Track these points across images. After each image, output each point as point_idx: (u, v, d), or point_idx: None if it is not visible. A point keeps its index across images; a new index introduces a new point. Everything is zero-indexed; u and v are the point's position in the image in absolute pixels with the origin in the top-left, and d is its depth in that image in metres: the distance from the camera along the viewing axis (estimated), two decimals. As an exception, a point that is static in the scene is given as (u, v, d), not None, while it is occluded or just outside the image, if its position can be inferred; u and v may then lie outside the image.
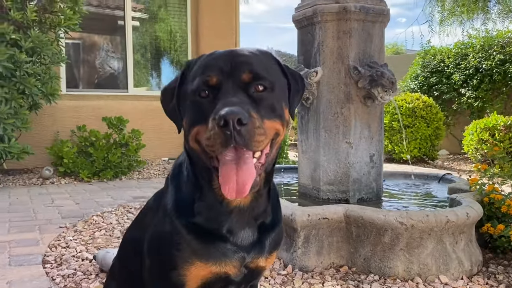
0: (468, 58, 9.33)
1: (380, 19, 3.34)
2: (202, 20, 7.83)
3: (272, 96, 1.15)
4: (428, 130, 8.02)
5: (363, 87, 3.20)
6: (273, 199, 1.35)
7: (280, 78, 1.23)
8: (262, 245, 1.30)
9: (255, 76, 1.13)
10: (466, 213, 2.60)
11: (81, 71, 7.64)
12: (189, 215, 1.24)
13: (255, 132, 1.05)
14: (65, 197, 4.85)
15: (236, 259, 1.24)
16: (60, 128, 6.71)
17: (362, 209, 2.66)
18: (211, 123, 1.05)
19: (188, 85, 1.18)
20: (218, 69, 1.13)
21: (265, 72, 1.16)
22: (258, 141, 1.06)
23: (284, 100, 1.22)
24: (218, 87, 1.12)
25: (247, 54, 1.18)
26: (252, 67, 1.14)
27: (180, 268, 1.21)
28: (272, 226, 1.34)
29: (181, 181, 1.29)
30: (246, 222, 1.26)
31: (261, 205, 1.29)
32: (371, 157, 3.36)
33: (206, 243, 1.22)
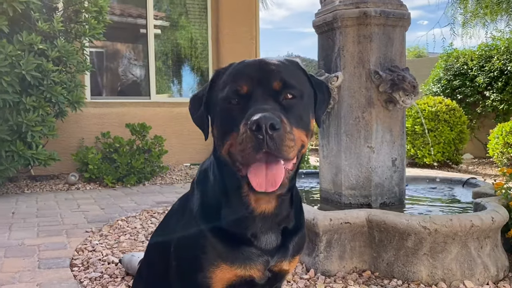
0: (492, 60, 9.16)
1: (400, 23, 3.33)
2: (223, 27, 7.92)
3: (300, 104, 1.18)
4: (452, 134, 7.90)
5: (384, 91, 3.19)
6: (296, 204, 1.37)
7: (307, 87, 1.25)
8: (285, 249, 1.32)
9: (285, 84, 1.16)
10: (491, 217, 2.57)
11: (105, 79, 7.81)
12: (215, 220, 1.27)
13: (286, 137, 1.07)
14: (90, 202, 4.96)
15: (260, 262, 1.27)
16: (85, 135, 6.87)
17: (384, 213, 2.65)
18: (243, 128, 1.07)
19: (219, 92, 1.21)
20: (248, 78, 1.16)
21: (294, 81, 1.18)
22: (289, 146, 1.08)
23: (311, 110, 1.25)
24: (248, 95, 1.14)
25: (276, 63, 1.20)
26: (282, 76, 1.16)
27: (206, 270, 1.24)
28: (295, 230, 1.36)
29: (207, 186, 1.32)
30: (269, 227, 1.29)
31: (284, 211, 1.31)
32: (393, 161, 3.35)
33: (231, 246, 1.25)
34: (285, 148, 1.07)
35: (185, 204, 1.39)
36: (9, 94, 4.79)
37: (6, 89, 4.73)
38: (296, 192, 1.38)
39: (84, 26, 5.53)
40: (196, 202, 1.33)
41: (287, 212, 1.32)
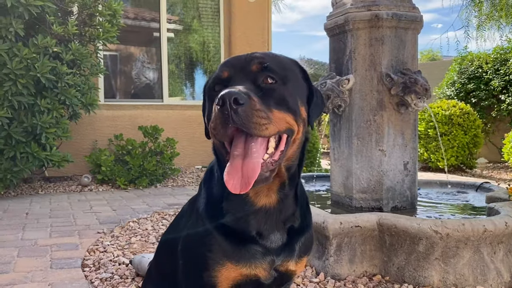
0: (507, 64, 9.05)
1: (413, 26, 3.31)
2: (235, 30, 7.95)
3: (283, 89, 1.19)
4: (466, 138, 7.81)
5: (396, 94, 3.17)
6: (302, 203, 1.36)
7: (298, 80, 1.27)
8: (291, 249, 1.32)
9: (264, 67, 1.18)
10: (504, 222, 2.53)
11: (118, 81, 7.89)
12: (219, 215, 1.27)
13: (253, 113, 1.07)
14: (102, 203, 5.01)
15: (265, 261, 1.26)
16: (98, 137, 6.94)
17: (395, 217, 2.63)
18: (214, 107, 1.10)
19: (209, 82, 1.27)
20: (231, 65, 1.21)
21: (277, 67, 1.20)
22: (259, 123, 1.07)
23: (301, 99, 1.25)
24: (228, 81, 1.18)
25: (263, 53, 1.24)
26: (263, 61, 1.19)
27: (211, 269, 1.24)
28: (301, 230, 1.35)
29: (212, 183, 1.34)
30: (274, 225, 1.28)
31: (289, 208, 1.31)
32: (405, 164, 3.32)
33: (236, 244, 1.25)
34: (254, 124, 1.07)
35: (193, 205, 1.41)
36: (24, 96, 4.87)
37: (21, 91, 4.80)
38: (301, 190, 1.37)
39: (98, 30, 5.60)
40: (202, 201, 1.34)
41: (292, 210, 1.32)
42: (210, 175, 1.37)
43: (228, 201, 1.27)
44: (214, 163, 1.37)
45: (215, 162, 1.35)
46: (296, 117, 1.20)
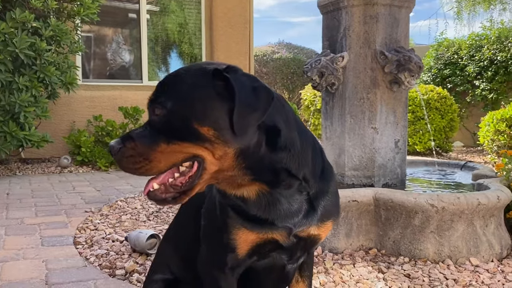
0: (482, 50, 9.27)
1: (406, 4, 3.33)
2: (216, 11, 7.83)
3: (171, 117, 1.08)
4: (443, 122, 7.99)
5: (390, 72, 3.19)
6: (318, 171, 1.30)
7: (202, 96, 1.09)
8: (313, 213, 1.29)
9: (152, 100, 1.12)
10: (497, 196, 2.60)
11: (96, 62, 7.67)
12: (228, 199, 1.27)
13: (124, 160, 1.11)
14: (85, 184, 4.90)
15: (282, 229, 1.25)
16: (76, 118, 6.76)
17: (391, 192, 2.67)
18: None
19: None
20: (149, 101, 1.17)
21: (165, 93, 1.10)
22: (133, 168, 1.10)
23: (203, 118, 1.07)
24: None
25: (165, 78, 1.17)
26: (156, 92, 1.13)
27: (230, 232, 1.24)
28: (320, 193, 1.32)
29: None
30: (285, 210, 1.25)
31: (293, 198, 1.26)
32: (396, 142, 3.36)
33: (252, 221, 1.24)
34: (127, 169, 1.12)
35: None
36: (2, 73, 4.67)
37: (-1, 67, 4.61)
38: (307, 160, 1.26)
39: (78, 6, 5.41)
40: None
41: (299, 200, 1.26)
42: None
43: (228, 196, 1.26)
44: None
45: None
46: (200, 143, 1.06)
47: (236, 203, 1.25)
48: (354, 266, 2.46)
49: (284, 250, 1.30)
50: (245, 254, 1.25)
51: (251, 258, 1.28)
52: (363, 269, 2.40)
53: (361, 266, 2.44)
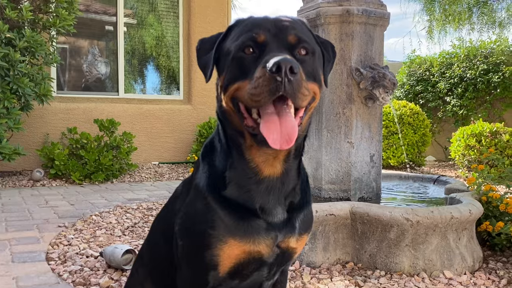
0: (453, 67, 9.57)
1: (380, 22, 3.42)
2: (194, 25, 7.86)
3: (313, 60, 1.21)
4: (415, 136, 8.17)
5: (365, 88, 3.27)
6: (303, 178, 1.36)
7: (316, 46, 1.27)
8: (292, 225, 1.30)
9: (300, 39, 1.18)
10: (469, 210, 2.67)
11: (71, 73, 7.56)
12: (222, 187, 1.25)
13: (302, 85, 1.08)
14: (58, 198, 4.78)
15: (268, 236, 1.24)
16: (50, 130, 6.63)
17: (368, 205, 2.71)
18: (260, 72, 1.07)
19: (233, 41, 1.21)
20: (265, 28, 1.17)
21: (307, 38, 1.21)
22: (304, 94, 1.09)
23: (320, 67, 1.27)
24: (264, 45, 1.15)
25: (291, 20, 1.22)
26: (297, 32, 1.19)
27: (213, 247, 1.20)
28: (301, 206, 1.34)
29: (214, 155, 1.31)
30: (277, 199, 1.26)
31: (291, 182, 1.29)
32: (372, 156, 3.43)
33: (239, 219, 1.22)
34: (300, 95, 1.08)
35: (189, 185, 1.37)
36: (-27, 84, 4.56)
37: (-30, 78, 4.50)
38: (303, 167, 1.37)
39: (54, 17, 5.34)
40: (203, 175, 1.30)
41: (293, 184, 1.30)
42: (211, 148, 1.33)
43: (233, 169, 1.24)
44: (214, 135, 1.34)
45: (216, 134, 1.33)
46: (320, 87, 1.23)
47: (232, 196, 1.24)
48: (332, 280, 2.48)
49: (265, 265, 1.30)
50: (227, 270, 1.22)
51: (233, 279, 1.25)
52: (340, 283, 2.42)
53: (338, 280, 2.46)
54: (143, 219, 3.78)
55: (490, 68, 9.07)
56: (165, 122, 7.64)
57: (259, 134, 1.11)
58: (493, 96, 9.10)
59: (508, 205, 2.97)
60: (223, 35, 1.27)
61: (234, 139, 1.24)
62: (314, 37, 1.30)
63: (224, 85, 1.19)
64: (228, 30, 1.28)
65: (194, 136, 7.61)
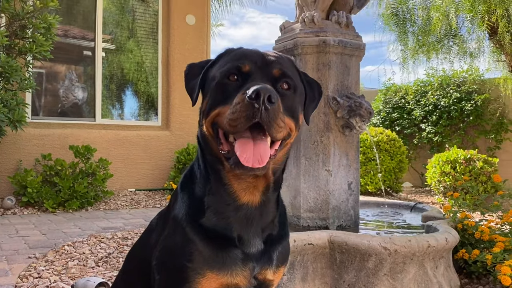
0: (427, 95, 9.82)
1: (356, 53, 3.50)
2: (173, 51, 7.89)
3: (293, 96, 1.24)
4: (392, 163, 8.28)
5: (342, 116, 3.31)
6: (281, 211, 1.38)
7: (300, 83, 1.30)
8: (269, 257, 1.31)
9: (284, 74, 1.21)
10: (445, 238, 2.69)
11: (47, 98, 7.46)
12: (201, 214, 1.24)
13: (278, 116, 1.10)
14: (30, 227, 4.63)
15: (246, 268, 1.25)
16: (23, 156, 6.47)
17: (346, 234, 2.70)
18: (239, 98, 1.10)
19: (219, 68, 1.24)
20: (251, 60, 1.20)
21: (291, 73, 1.24)
22: (279, 126, 1.11)
23: (301, 105, 1.30)
24: (248, 75, 1.18)
25: (277, 55, 1.26)
26: (282, 67, 1.23)
27: (191, 281, 1.20)
28: (279, 238, 1.35)
29: (193, 184, 1.31)
30: (255, 230, 1.27)
31: (269, 214, 1.31)
32: (349, 184, 3.44)
33: (217, 249, 1.22)
34: (276, 126, 1.10)
35: (166, 217, 1.35)
36: None
37: None
38: (281, 199, 1.39)
39: (31, 42, 5.29)
40: (182, 205, 1.29)
41: (272, 216, 1.32)
42: (190, 176, 1.34)
43: (211, 195, 1.25)
44: (194, 163, 1.35)
45: (196, 160, 1.33)
46: (297, 124, 1.25)
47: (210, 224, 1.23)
48: (310, 311, 2.43)
49: None
50: None
51: None
52: (319, 315, 2.38)
53: (317, 311, 2.42)
54: (117, 249, 3.68)
55: (463, 97, 9.35)
56: (143, 148, 7.56)
57: (232, 157, 1.13)
58: (466, 123, 9.34)
59: (483, 232, 3.01)
60: (211, 62, 1.31)
61: (213, 164, 1.25)
62: (300, 75, 1.33)
63: (206, 110, 1.22)
64: (218, 58, 1.32)
65: (172, 162, 7.54)
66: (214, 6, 14.50)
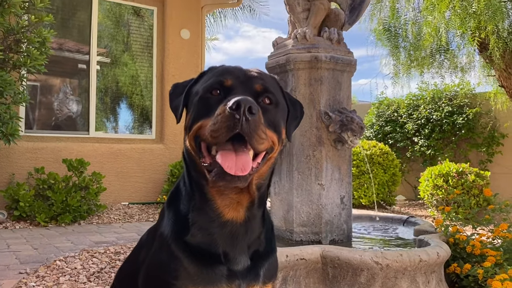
0: (419, 109, 9.91)
1: (348, 68, 3.55)
2: (168, 65, 7.94)
3: (275, 111, 1.27)
4: (386, 176, 8.31)
5: (333, 131, 3.34)
6: (268, 227, 1.38)
7: (282, 100, 1.34)
8: (256, 273, 1.31)
9: (266, 89, 1.25)
10: (436, 252, 2.71)
11: (41, 112, 7.45)
12: (186, 231, 1.25)
13: (259, 127, 1.13)
14: (21, 242, 4.59)
15: (231, 285, 1.25)
16: (16, 170, 6.44)
17: (338, 249, 2.71)
18: (220, 109, 1.12)
19: (202, 84, 1.28)
20: (234, 75, 1.24)
21: (273, 89, 1.28)
22: (261, 137, 1.13)
23: (283, 120, 1.33)
24: (230, 89, 1.21)
25: (259, 72, 1.31)
26: (264, 82, 1.26)
27: None
28: (266, 254, 1.36)
29: (179, 201, 1.32)
30: (240, 247, 1.28)
31: (255, 230, 1.31)
32: (342, 198, 3.46)
33: (202, 266, 1.22)
34: (257, 137, 1.12)
35: (154, 233, 1.36)
36: None
37: None
38: (267, 215, 1.40)
39: (25, 57, 5.31)
40: (168, 223, 1.30)
41: (258, 232, 1.33)
42: (176, 194, 1.35)
43: (195, 211, 1.26)
44: (179, 180, 1.36)
45: (181, 177, 1.35)
46: (279, 138, 1.27)
47: (195, 241, 1.24)
48: (303, 326, 2.43)
49: None
50: None
51: None
52: (311, 330, 2.38)
53: (309, 327, 2.42)
54: (110, 264, 3.66)
55: (455, 110, 9.44)
56: (136, 162, 7.55)
57: (214, 169, 1.14)
58: (458, 137, 9.42)
59: (475, 247, 3.03)
60: (194, 80, 1.35)
61: (197, 180, 1.26)
62: (283, 93, 1.37)
63: (189, 124, 1.24)
64: (200, 75, 1.35)
65: (166, 175, 7.53)
66: (209, 21, 14.64)
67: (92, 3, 7.55)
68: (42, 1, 5.27)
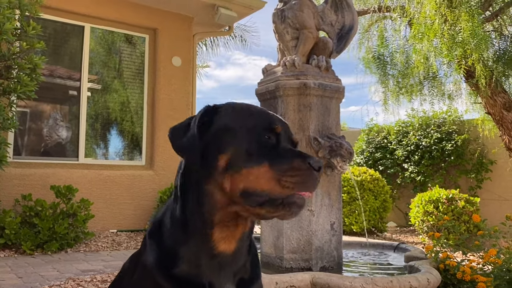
0: (409, 136, 10.01)
1: (336, 95, 3.60)
2: (159, 92, 7.98)
3: None
4: (376, 202, 8.31)
5: (323, 156, 3.35)
6: (253, 253, 1.38)
7: None
8: None
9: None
10: (427, 278, 2.69)
11: (31, 137, 7.41)
12: (172, 264, 1.23)
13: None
14: (5, 270, 4.48)
15: None
16: (2, 197, 6.33)
17: (328, 276, 2.69)
18: (300, 164, 1.15)
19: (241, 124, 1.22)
20: (281, 124, 1.26)
21: None
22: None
23: None
24: (278, 137, 1.23)
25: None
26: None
27: None
28: (251, 281, 1.35)
29: (163, 234, 1.30)
30: (226, 276, 1.26)
31: (242, 258, 1.31)
32: (332, 225, 3.44)
33: None
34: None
35: (137, 261, 1.34)
36: None
37: None
38: (253, 242, 1.39)
39: (15, 83, 5.31)
40: (150, 253, 1.28)
41: (244, 259, 1.32)
42: (160, 225, 1.33)
43: (186, 245, 1.23)
44: (165, 212, 1.33)
45: (168, 210, 1.32)
46: None
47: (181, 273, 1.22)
48: None
49: None
50: None
51: None
52: None
53: None
54: (96, 292, 3.58)
55: (443, 137, 9.55)
56: (126, 188, 7.48)
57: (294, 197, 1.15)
58: (447, 163, 9.49)
59: (465, 273, 3.01)
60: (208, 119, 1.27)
61: (198, 220, 1.23)
62: None
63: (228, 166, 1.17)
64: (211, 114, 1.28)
65: (155, 202, 7.46)
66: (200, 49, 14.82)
67: (84, 30, 7.63)
68: (34, 28, 5.31)
